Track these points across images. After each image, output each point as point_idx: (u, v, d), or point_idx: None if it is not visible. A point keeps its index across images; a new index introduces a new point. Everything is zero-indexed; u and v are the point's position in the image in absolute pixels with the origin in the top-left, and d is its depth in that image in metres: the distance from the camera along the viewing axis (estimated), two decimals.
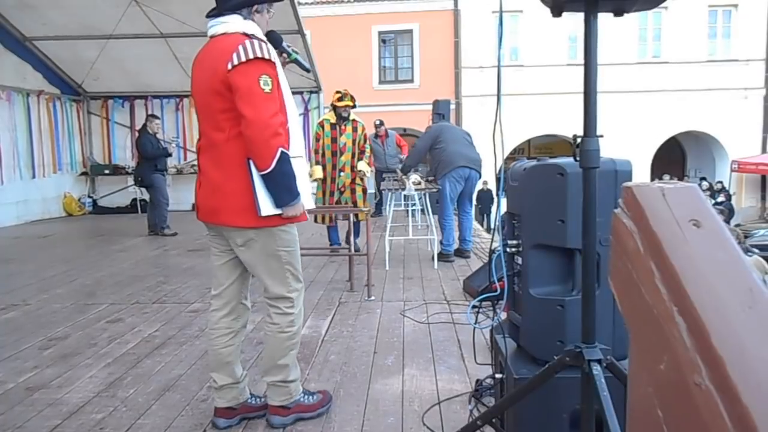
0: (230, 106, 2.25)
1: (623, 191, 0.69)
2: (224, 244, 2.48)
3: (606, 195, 1.87)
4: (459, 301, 4.46)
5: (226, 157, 2.30)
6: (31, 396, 2.87)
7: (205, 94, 2.32)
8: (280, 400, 2.49)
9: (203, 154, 2.42)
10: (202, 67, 2.36)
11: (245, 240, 2.37)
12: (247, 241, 2.37)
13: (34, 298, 4.80)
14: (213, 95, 2.28)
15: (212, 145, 2.34)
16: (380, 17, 18.92)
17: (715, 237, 0.59)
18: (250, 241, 2.37)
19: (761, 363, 0.48)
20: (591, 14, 1.65)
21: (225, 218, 2.35)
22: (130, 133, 11.91)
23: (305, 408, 2.55)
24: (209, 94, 2.30)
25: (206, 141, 2.39)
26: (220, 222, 2.37)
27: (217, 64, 2.25)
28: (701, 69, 18.40)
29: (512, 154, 19.12)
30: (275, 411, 2.50)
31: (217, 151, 2.33)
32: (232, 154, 2.29)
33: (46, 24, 9.62)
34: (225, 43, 2.28)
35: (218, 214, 2.35)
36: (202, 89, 2.34)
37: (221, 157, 2.31)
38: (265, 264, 2.40)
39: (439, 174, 6.10)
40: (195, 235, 8.28)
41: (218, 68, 2.24)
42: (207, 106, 2.34)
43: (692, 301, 0.54)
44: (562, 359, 1.75)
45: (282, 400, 2.49)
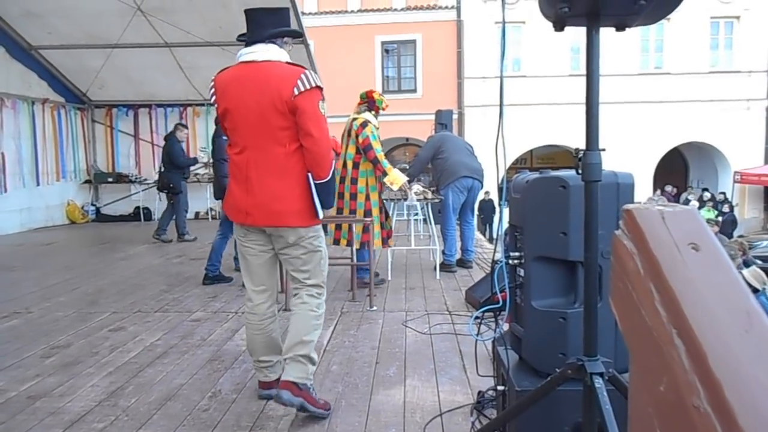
0: (290, 125, 2.60)
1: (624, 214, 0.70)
2: (264, 245, 2.79)
3: (608, 208, 1.88)
4: (461, 312, 4.46)
5: (287, 169, 2.64)
6: (33, 404, 2.87)
7: (264, 113, 2.60)
8: (296, 376, 2.62)
9: (256, 166, 2.66)
10: (251, 87, 2.62)
11: (297, 238, 2.70)
12: (299, 239, 2.71)
13: (37, 306, 4.81)
14: (275, 114, 2.59)
15: (269, 158, 2.64)
16: (383, 27, 19.01)
17: (713, 260, 0.60)
18: (301, 238, 2.71)
19: (758, 386, 0.49)
20: (593, 29, 1.67)
21: (286, 220, 2.66)
22: (134, 141, 11.96)
23: (312, 400, 2.65)
24: (270, 113, 2.59)
25: (260, 153, 2.65)
26: (280, 224, 2.67)
27: (280, 88, 2.57)
28: (704, 80, 18.44)
29: (514, 164, 19.14)
30: (287, 386, 2.60)
31: (275, 164, 2.64)
32: (292, 166, 2.64)
33: (51, 33, 9.70)
34: (279, 70, 2.63)
35: (279, 217, 2.66)
36: (256, 107, 2.60)
37: (282, 170, 2.64)
38: (310, 258, 2.76)
39: (442, 184, 6.09)
40: (197, 244, 8.30)
41: (282, 92, 2.56)
42: (265, 123, 2.61)
43: (691, 324, 0.54)
44: (564, 372, 1.75)
45: (298, 377, 2.62)
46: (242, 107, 2.64)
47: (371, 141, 5.11)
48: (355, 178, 5.18)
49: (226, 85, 2.70)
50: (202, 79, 10.96)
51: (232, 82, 2.69)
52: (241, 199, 2.71)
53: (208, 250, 7.55)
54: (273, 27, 2.72)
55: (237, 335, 3.96)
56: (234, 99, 2.66)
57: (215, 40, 9.62)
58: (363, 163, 5.18)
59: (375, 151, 5.11)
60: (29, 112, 10.23)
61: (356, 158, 5.19)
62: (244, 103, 2.63)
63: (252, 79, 2.63)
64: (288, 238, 2.70)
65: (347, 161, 5.21)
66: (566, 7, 1.57)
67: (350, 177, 5.20)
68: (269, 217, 2.67)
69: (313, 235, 2.75)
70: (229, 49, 9.77)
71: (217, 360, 3.48)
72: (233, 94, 2.66)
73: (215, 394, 2.98)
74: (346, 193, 5.21)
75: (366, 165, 5.18)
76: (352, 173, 5.20)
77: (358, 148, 5.17)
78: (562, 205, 1.98)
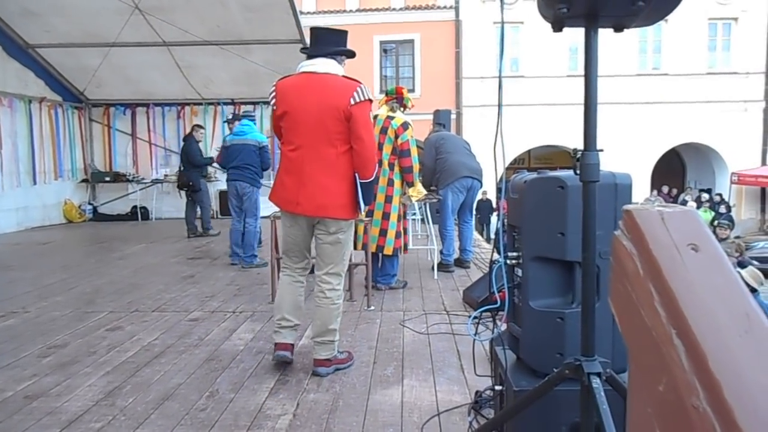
0: (343, 129, 3.02)
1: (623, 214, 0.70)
2: (307, 231, 3.21)
3: (606, 208, 1.88)
4: (459, 312, 4.46)
5: (337, 168, 3.06)
6: (30, 404, 2.86)
7: (322, 118, 3.01)
8: (325, 355, 3.16)
9: (309, 163, 3.06)
10: (312, 95, 3.03)
11: (337, 228, 3.12)
12: (338, 230, 3.13)
13: (34, 306, 4.80)
14: (332, 120, 3.00)
15: (322, 157, 3.05)
16: (382, 27, 19.01)
17: (713, 261, 0.60)
18: (340, 230, 3.13)
19: (757, 387, 0.49)
20: (591, 30, 1.67)
21: (331, 212, 3.08)
22: (131, 140, 11.94)
23: (340, 361, 3.23)
24: (328, 118, 3.00)
25: (314, 152, 3.05)
26: (325, 215, 3.08)
27: (338, 98, 3.00)
28: (701, 81, 18.48)
29: (512, 164, 19.16)
30: (320, 363, 3.16)
31: (327, 162, 3.05)
32: (341, 166, 3.06)
33: (49, 31, 9.68)
34: (339, 83, 3.06)
35: (326, 209, 3.07)
36: (315, 112, 3.01)
37: (332, 168, 3.05)
38: (344, 247, 3.18)
39: (441, 184, 6.07)
40: (195, 243, 8.29)
41: (340, 102, 2.99)
42: (322, 127, 3.02)
43: (690, 325, 0.54)
44: (561, 372, 1.76)
45: (326, 355, 3.17)
46: (301, 111, 3.04)
47: (411, 146, 4.99)
48: (392, 180, 5.02)
49: (287, 90, 3.10)
50: (200, 78, 10.96)
51: (292, 89, 3.08)
52: (293, 191, 3.09)
53: (205, 250, 7.55)
54: (334, 45, 3.16)
55: (234, 335, 3.96)
56: (294, 103, 3.05)
57: (213, 39, 9.62)
58: (397, 164, 5.03)
59: (413, 159, 5.00)
60: (26, 111, 10.20)
61: (392, 158, 5.02)
62: (303, 107, 3.03)
63: (313, 88, 3.04)
64: (329, 228, 3.12)
65: (383, 161, 4.95)
66: (565, 8, 1.58)
67: (387, 178, 4.99)
68: (317, 208, 3.07)
69: (349, 227, 3.20)
70: (227, 48, 9.79)
71: (214, 359, 3.48)
72: (293, 99, 3.05)
73: (213, 393, 2.98)
74: (380, 194, 4.98)
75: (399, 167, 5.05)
76: (389, 174, 5.00)
77: (395, 148, 4.99)
78: (559, 206, 1.99)
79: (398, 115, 5.08)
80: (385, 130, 5.00)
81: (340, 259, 3.20)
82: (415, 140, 5.11)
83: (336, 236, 3.14)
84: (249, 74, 10.50)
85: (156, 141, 12.00)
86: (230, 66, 10.32)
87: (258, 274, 5.96)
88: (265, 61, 9.98)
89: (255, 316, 4.43)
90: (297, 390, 3.00)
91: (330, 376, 3.18)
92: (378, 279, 5.18)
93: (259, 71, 10.24)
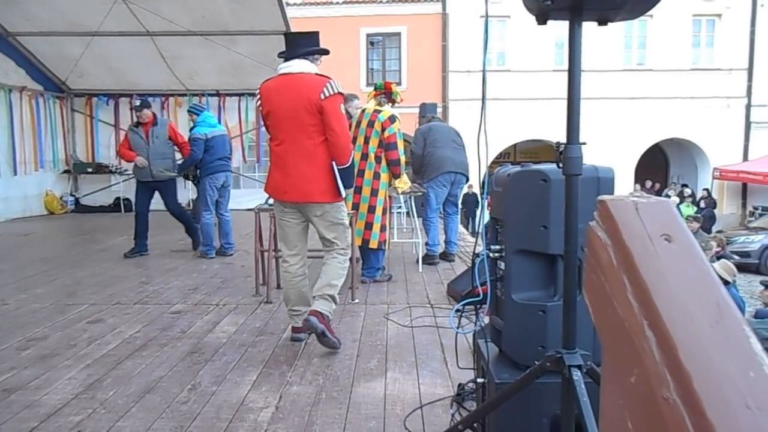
0: (317, 122, 3.34)
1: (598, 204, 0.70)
2: (298, 217, 3.55)
3: (588, 202, 1.87)
4: (443, 305, 4.47)
5: (315, 157, 3.37)
6: (8, 397, 2.82)
7: (298, 113, 3.33)
8: (322, 309, 3.39)
9: (292, 155, 3.40)
10: (288, 93, 3.36)
11: (323, 212, 3.46)
12: (324, 213, 3.46)
13: (13, 298, 4.74)
14: (307, 114, 3.32)
15: (302, 148, 3.38)
16: (368, 20, 18.92)
17: (685, 252, 0.60)
18: (326, 212, 3.47)
19: (726, 378, 0.49)
20: (575, 23, 1.67)
21: (315, 197, 3.40)
22: (114, 131, 11.79)
23: (331, 329, 3.42)
24: (302, 113, 3.32)
25: (295, 145, 3.39)
26: (310, 200, 3.41)
27: (310, 93, 3.30)
28: (685, 77, 18.64)
29: (498, 158, 19.20)
30: (315, 314, 3.35)
31: (306, 153, 3.37)
32: (320, 155, 3.38)
33: (30, 19, 9.51)
34: (310, 80, 3.36)
35: (310, 195, 3.40)
36: (292, 109, 3.34)
37: (312, 158, 3.37)
38: (335, 228, 3.53)
39: (425, 178, 6.08)
40: (178, 236, 8.22)
41: (312, 97, 3.30)
42: (299, 121, 3.35)
43: (662, 316, 0.54)
44: (542, 364, 1.76)
45: (324, 310, 3.39)
46: (281, 108, 3.37)
47: (397, 139, 4.98)
48: (378, 173, 5.00)
49: (269, 92, 3.43)
50: (185, 68, 10.84)
51: (273, 90, 3.42)
52: (281, 181, 3.44)
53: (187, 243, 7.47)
54: (305, 47, 3.47)
55: (218, 327, 3.93)
56: (275, 103, 3.39)
57: (198, 29, 9.50)
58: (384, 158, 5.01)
59: (399, 152, 4.99)
60: (6, 101, 10.03)
61: (379, 151, 5.00)
62: (282, 105, 3.36)
63: (289, 87, 3.37)
64: (315, 212, 3.46)
65: (369, 154, 4.97)
66: (549, 0, 1.57)
67: (373, 171, 4.99)
68: (301, 194, 3.41)
69: (336, 210, 3.50)
70: (212, 39, 9.68)
71: (197, 352, 3.46)
72: (275, 99, 3.39)
73: (195, 386, 2.96)
74: (366, 187, 5.00)
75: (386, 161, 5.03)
76: (376, 167, 5.00)
77: (381, 141, 4.98)
78: (542, 199, 1.99)
79: (386, 109, 5.08)
80: (372, 124, 4.99)
81: (340, 236, 3.56)
82: (402, 133, 5.10)
83: (326, 219, 3.48)
84: (234, 65, 10.41)
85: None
86: (215, 57, 10.22)
87: (242, 267, 5.93)
88: (251, 53, 9.89)
89: (238, 308, 4.41)
90: (280, 383, 2.99)
91: (313, 369, 3.18)
92: (363, 272, 5.18)
93: (245, 62, 10.15)
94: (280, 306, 4.31)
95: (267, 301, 4.54)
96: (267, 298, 4.56)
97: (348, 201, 5.04)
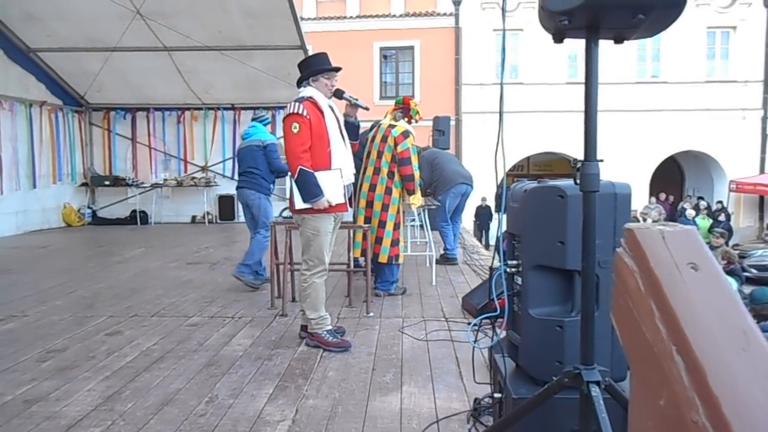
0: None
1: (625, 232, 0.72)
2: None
3: (605, 218, 1.90)
4: (458, 319, 4.46)
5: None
6: (29, 408, 2.86)
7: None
8: (303, 322, 3.89)
9: None
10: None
11: (299, 221, 3.79)
12: (299, 222, 3.80)
13: (33, 310, 4.80)
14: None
15: None
16: (382, 33, 19.05)
17: (712, 280, 0.62)
18: (300, 223, 3.78)
19: (755, 403, 0.50)
20: (592, 41, 1.69)
21: (291, 207, 3.78)
22: (131, 144, 11.96)
23: (323, 341, 3.74)
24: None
25: None
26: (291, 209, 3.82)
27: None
28: (700, 89, 18.54)
29: (511, 171, 19.17)
30: (302, 328, 3.94)
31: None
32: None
33: (50, 36, 9.71)
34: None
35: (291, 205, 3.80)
36: None
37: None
38: (301, 238, 3.81)
39: (439, 191, 6.77)
40: (194, 248, 8.30)
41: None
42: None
43: (690, 342, 0.55)
44: (560, 380, 1.77)
45: (304, 322, 3.87)
46: None
47: (411, 155, 4.99)
48: (390, 188, 5.00)
49: None
50: (201, 83, 11.00)
51: None
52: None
53: (203, 255, 7.53)
54: (303, 73, 3.83)
55: (234, 340, 3.96)
56: None
57: (214, 44, 9.65)
58: (397, 173, 5.03)
59: (413, 167, 5.01)
60: (27, 115, 10.22)
61: (392, 166, 5.01)
62: None
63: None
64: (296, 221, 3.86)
65: (382, 169, 4.99)
66: (566, 20, 1.59)
67: (385, 186, 4.99)
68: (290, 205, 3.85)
69: (302, 223, 3.76)
70: (228, 54, 9.82)
71: (213, 365, 3.48)
72: None
73: (212, 399, 2.98)
74: (377, 202, 5.01)
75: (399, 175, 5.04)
76: (388, 182, 4.99)
77: (394, 156, 4.99)
78: (559, 215, 2.00)
79: (400, 124, 5.11)
80: (386, 138, 5.03)
81: (306, 249, 3.77)
82: (416, 148, 5.13)
83: (302, 228, 3.79)
84: (250, 80, 10.54)
85: (156, 145, 12.02)
86: (231, 71, 10.35)
87: None
88: (266, 67, 10.01)
89: (254, 321, 4.43)
90: (296, 396, 3.01)
91: (329, 383, 3.19)
92: (377, 285, 5.19)
93: (260, 77, 10.27)
94: (295, 319, 4.33)
95: (282, 314, 4.56)
96: (282, 311, 4.59)
97: (360, 215, 5.09)
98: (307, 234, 3.74)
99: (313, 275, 3.77)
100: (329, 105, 3.82)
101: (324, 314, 3.82)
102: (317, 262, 3.77)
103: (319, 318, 3.79)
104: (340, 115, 3.95)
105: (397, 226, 5.11)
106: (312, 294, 3.77)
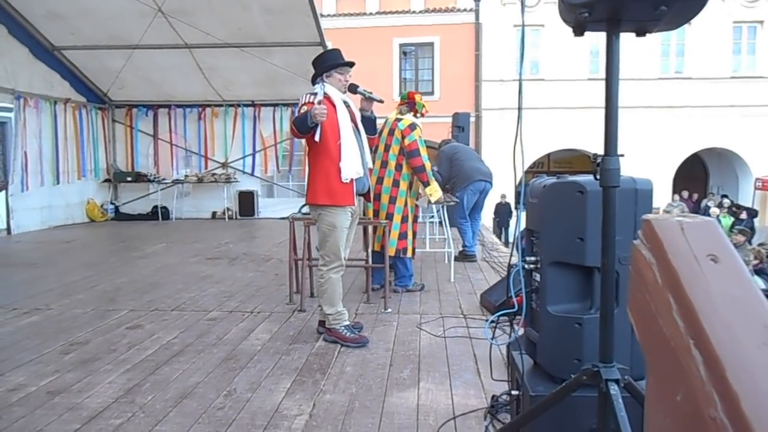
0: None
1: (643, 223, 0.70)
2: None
3: (626, 214, 1.87)
4: (476, 316, 4.45)
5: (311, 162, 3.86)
6: (52, 400, 2.91)
7: None
8: (321, 317, 3.90)
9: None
10: None
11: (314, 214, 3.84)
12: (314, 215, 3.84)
13: (56, 303, 4.89)
14: None
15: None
16: (401, 30, 19.00)
17: (732, 273, 0.60)
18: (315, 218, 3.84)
19: None
20: (613, 34, 1.66)
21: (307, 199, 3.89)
22: (153, 141, 12.09)
23: (341, 337, 3.76)
24: None
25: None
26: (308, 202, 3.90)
27: None
28: (725, 85, 18.18)
29: (531, 167, 19.02)
30: (320, 323, 3.95)
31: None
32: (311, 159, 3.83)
33: (74, 34, 9.85)
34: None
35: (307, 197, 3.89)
36: None
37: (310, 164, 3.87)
38: (318, 234, 3.87)
39: (458, 187, 6.64)
40: (213, 243, 8.37)
41: None
42: None
43: (709, 336, 0.54)
44: (579, 378, 1.75)
45: (322, 317, 3.89)
46: None
47: (419, 146, 5.00)
48: (397, 181, 5.02)
49: None
50: (221, 80, 11.08)
51: None
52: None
53: (222, 250, 7.60)
54: (317, 69, 3.85)
55: (252, 335, 3.99)
56: None
57: (234, 41, 9.71)
58: (405, 165, 5.04)
59: (423, 158, 5.00)
60: (51, 112, 10.38)
61: (400, 159, 5.03)
62: None
63: None
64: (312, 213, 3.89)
65: (389, 162, 5.02)
66: (586, 12, 1.57)
67: (392, 179, 5.02)
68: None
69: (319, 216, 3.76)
70: (248, 51, 9.87)
71: (232, 359, 3.51)
72: None
73: (230, 392, 3.00)
74: (384, 195, 5.04)
75: (407, 168, 5.05)
76: (395, 175, 5.02)
77: (402, 149, 5.02)
78: (579, 211, 1.98)
79: (406, 117, 5.13)
80: (393, 132, 5.06)
81: (323, 244, 3.79)
82: (424, 141, 5.12)
83: (318, 224, 3.79)
84: (269, 76, 10.59)
85: (177, 142, 12.14)
86: (251, 68, 10.41)
87: (276, 275, 6.00)
88: (286, 64, 10.05)
89: (272, 316, 4.46)
90: (313, 391, 3.02)
91: (346, 378, 3.19)
92: (395, 282, 5.19)
93: (280, 73, 10.31)
94: (313, 315, 4.35)
95: (300, 309, 4.58)
96: (300, 307, 4.61)
97: (368, 209, 5.09)
98: (324, 229, 3.74)
99: (330, 270, 3.77)
100: (344, 100, 3.80)
101: (341, 310, 3.83)
102: (333, 258, 3.77)
103: (337, 313, 3.79)
104: (356, 110, 3.92)
105: (405, 219, 5.10)
106: (329, 290, 3.77)
